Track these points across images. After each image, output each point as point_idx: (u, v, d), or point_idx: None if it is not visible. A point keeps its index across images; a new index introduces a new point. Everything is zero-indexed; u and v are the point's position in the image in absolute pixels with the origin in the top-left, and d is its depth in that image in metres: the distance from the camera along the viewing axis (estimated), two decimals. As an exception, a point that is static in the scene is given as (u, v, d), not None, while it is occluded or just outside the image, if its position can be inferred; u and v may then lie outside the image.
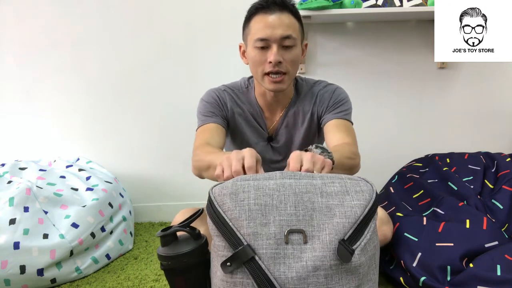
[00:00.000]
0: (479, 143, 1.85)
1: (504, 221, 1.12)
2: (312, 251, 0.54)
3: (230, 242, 0.56)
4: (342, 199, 0.58)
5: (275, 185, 0.59)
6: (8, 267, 1.14)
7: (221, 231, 0.57)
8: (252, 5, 1.02)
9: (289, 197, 0.58)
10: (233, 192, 0.58)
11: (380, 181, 1.55)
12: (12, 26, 1.75)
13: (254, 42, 1.00)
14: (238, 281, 0.55)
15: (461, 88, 1.85)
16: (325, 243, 0.55)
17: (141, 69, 1.80)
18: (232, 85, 1.19)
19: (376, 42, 1.80)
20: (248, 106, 1.15)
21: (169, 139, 1.86)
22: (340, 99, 1.12)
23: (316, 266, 0.53)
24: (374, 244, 0.60)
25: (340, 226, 0.56)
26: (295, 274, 0.53)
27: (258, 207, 0.57)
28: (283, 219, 0.56)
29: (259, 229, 0.56)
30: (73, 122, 1.84)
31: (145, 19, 1.76)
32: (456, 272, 0.98)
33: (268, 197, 0.58)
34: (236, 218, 0.57)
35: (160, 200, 1.92)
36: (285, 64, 1.00)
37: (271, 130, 1.18)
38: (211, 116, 1.09)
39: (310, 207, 0.57)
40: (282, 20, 0.97)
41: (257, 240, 0.55)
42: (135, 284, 1.23)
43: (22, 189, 1.27)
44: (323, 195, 0.58)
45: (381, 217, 1.05)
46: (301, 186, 0.59)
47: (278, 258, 0.54)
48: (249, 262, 0.54)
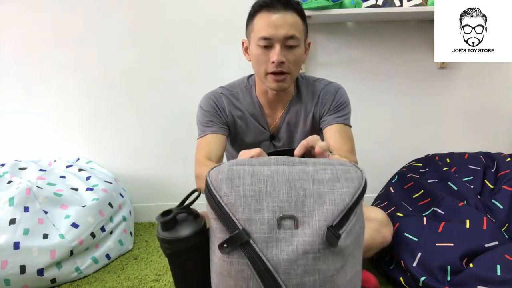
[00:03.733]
0: (479, 143, 1.85)
1: (504, 221, 1.12)
2: (302, 236, 0.58)
3: (227, 226, 0.60)
4: (333, 186, 0.61)
5: (269, 171, 0.62)
6: (8, 267, 1.14)
7: (218, 215, 0.61)
8: (257, 1, 1.01)
9: (282, 183, 0.61)
10: (229, 178, 0.62)
11: (380, 181, 1.55)
12: (12, 26, 1.75)
13: (257, 40, 0.99)
14: (235, 261, 0.60)
15: (461, 88, 1.85)
16: (314, 229, 0.58)
17: (141, 69, 1.80)
18: (230, 86, 1.18)
19: (376, 42, 1.80)
20: (248, 106, 1.15)
21: (169, 139, 1.86)
22: (342, 101, 1.13)
23: (305, 250, 0.58)
24: (360, 225, 0.64)
25: (329, 213, 0.59)
26: (286, 257, 0.58)
27: (252, 193, 0.60)
28: (276, 205, 0.60)
29: (254, 214, 0.59)
30: (73, 122, 1.84)
31: (146, 19, 1.76)
32: (456, 272, 0.98)
33: (262, 184, 0.61)
34: (232, 203, 0.60)
35: (160, 200, 1.92)
36: (288, 64, 1.00)
37: (273, 129, 1.18)
38: (210, 126, 1.10)
39: (302, 193, 0.60)
40: (286, 19, 0.97)
41: (251, 225, 0.59)
42: (135, 284, 1.23)
43: (22, 189, 1.27)
44: (315, 182, 0.61)
45: (381, 220, 1.05)
46: (294, 173, 0.62)
47: (270, 242, 0.58)
48: (244, 245, 0.58)
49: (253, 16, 1.02)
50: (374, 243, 1.04)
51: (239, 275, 0.59)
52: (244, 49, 1.10)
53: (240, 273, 0.59)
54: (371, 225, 1.03)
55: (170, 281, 1.22)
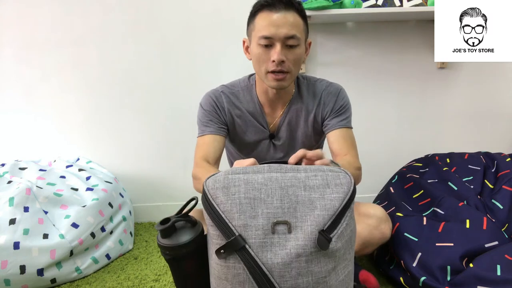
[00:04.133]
0: (479, 143, 1.86)
1: (504, 221, 1.12)
2: (295, 240, 0.61)
3: (223, 232, 0.63)
4: (323, 192, 0.64)
5: (263, 179, 0.65)
6: (8, 267, 1.14)
7: (215, 222, 0.64)
8: (258, 0, 1.02)
9: (276, 191, 0.64)
10: (225, 186, 0.65)
11: (380, 181, 1.55)
12: (12, 26, 1.75)
13: (258, 39, 1.00)
14: (231, 265, 0.62)
15: (461, 88, 1.85)
16: (306, 233, 0.61)
17: (141, 69, 1.80)
18: (231, 84, 1.19)
19: (376, 42, 1.80)
20: (248, 105, 1.16)
21: (169, 139, 1.86)
22: (344, 104, 1.14)
23: (298, 253, 0.61)
24: (351, 228, 0.67)
25: (320, 218, 0.62)
26: (280, 260, 0.60)
27: (247, 201, 0.63)
28: (270, 212, 0.63)
29: (249, 221, 0.62)
30: (73, 122, 1.84)
31: (146, 19, 1.76)
32: (456, 272, 0.98)
33: (256, 191, 0.64)
34: (228, 210, 0.63)
35: (160, 200, 1.92)
36: (288, 64, 1.01)
37: (273, 127, 1.18)
38: (209, 125, 1.12)
39: (294, 200, 0.63)
40: (287, 19, 0.97)
41: (247, 231, 0.62)
42: (135, 284, 1.23)
43: (22, 189, 1.27)
44: (306, 189, 0.64)
45: (380, 216, 1.06)
46: (287, 180, 0.65)
47: (265, 246, 0.61)
48: (241, 250, 0.61)
49: (254, 15, 1.02)
50: (373, 239, 1.05)
51: (235, 279, 0.62)
52: (245, 48, 1.11)
53: (236, 277, 0.62)
54: (370, 222, 1.04)
55: (170, 281, 1.22)
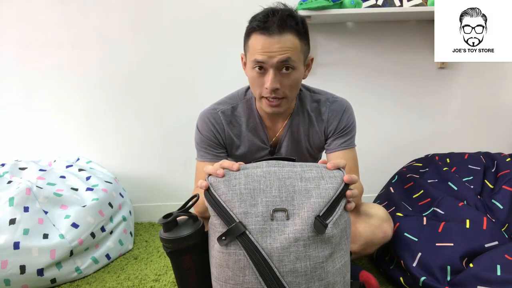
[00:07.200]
0: (479, 143, 1.85)
1: (504, 221, 1.12)
2: (293, 226, 0.66)
3: (225, 220, 0.67)
4: (318, 183, 0.69)
5: (262, 172, 0.71)
6: (8, 267, 1.14)
7: (217, 211, 0.68)
8: (253, 18, 0.96)
9: (274, 182, 0.69)
10: (226, 179, 0.70)
11: (380, 181, 1.55)
12: (12, 26, 1.75)
13: (251, 62, 0.95)
14: (232, 252, 0.66)
15: (461, 88, 1.85)
16: (303, 219, 0.66)
17: (141, 69, 1.80)
18: (230, 98, 1.13)
19: (376, 42, 1.80)
20: (247, 120, 1.11)
21: (169, 139, 1.86)
22: (348, 124, 1.09)
23: (296, 238, 0.65)
24: (345, 219, 0.71)
25: (316, 205, 0.67)
26: (279, 245, 0.64)
27: (248, 191, 0.68)
28: (269, 200, 0.67)
29: (249, 209, 0.67)
30: (73, 122, 1.84)
31: (145, 19, 1.76)
32: (456, 272, 0.98)
33: (256, 183, 0.69)
34: (229, 200, 0.67)
35: (160, 200, 1.92)
36: (283, 89, 0.96)
37: (274, 141, 1.14)
38: (208, 152, 1.09)
39: (292, 190, 0.68)
40: (281, 43, 0.90)
41: (247, 218, 0.66)
42: (135, 284, 1.23)
43: (22, 189, 1.27)
44: (302, 180, 0.70)
45: (381, 216, 1.06)
46: (284, 173, 0.71)
47: (265, 232, 0.65)
48: (241, 236, 0.65)
49: (249, 36, 0.96)
50: (375, 239, 1.04)
51: (236, 265, 0.66)
52: (243, 64, 1.05)
53: (237, 263, 0.66)
54: (372, 221, 1.03)
55: (170, 281, 1.22)
